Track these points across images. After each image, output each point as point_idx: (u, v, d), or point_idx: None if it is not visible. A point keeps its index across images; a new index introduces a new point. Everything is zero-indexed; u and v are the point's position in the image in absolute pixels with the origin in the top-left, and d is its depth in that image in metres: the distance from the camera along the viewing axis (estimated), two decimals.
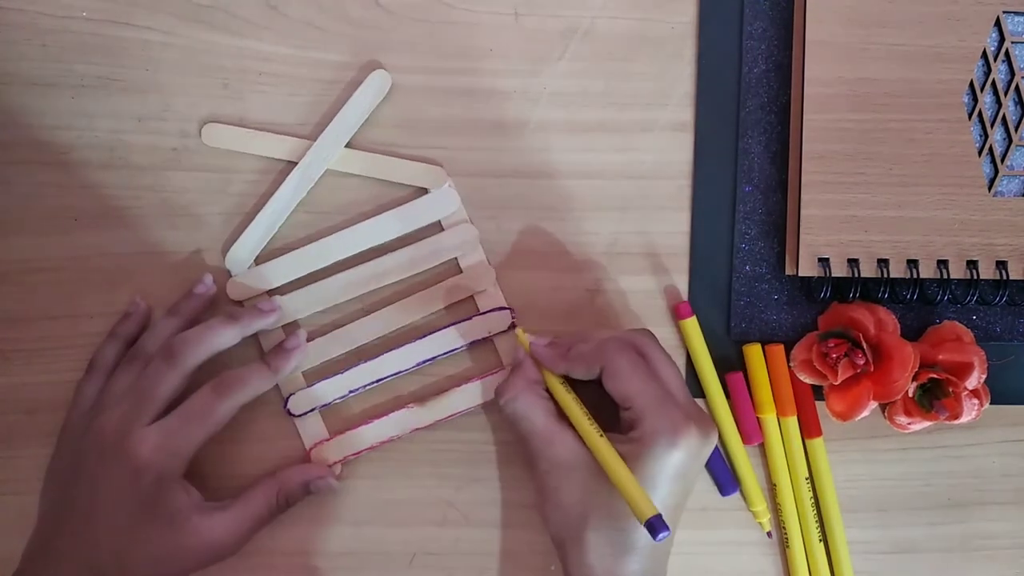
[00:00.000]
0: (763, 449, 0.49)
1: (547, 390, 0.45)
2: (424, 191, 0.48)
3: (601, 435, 0.42)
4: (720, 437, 0.49)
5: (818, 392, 0.49)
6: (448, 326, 0.48)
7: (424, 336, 0.48)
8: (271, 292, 0.47)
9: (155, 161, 0.47)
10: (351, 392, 0.47)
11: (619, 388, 0.42)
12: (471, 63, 0.48)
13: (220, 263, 0.47)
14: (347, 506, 0.48)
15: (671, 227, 0.49)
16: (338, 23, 0.48)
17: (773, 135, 0.49)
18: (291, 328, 0.47)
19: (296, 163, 0.47)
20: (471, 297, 0.48)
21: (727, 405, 0.48)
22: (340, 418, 0.48)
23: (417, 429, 0.47)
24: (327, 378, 0.47)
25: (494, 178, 0.48)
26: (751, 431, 0.49)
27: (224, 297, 0.47)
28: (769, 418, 0.48)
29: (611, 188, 0.49)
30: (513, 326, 0.48)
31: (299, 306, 0.47)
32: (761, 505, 0.49)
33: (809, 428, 0.48)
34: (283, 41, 0.47)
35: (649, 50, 0.49)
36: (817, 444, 0.48)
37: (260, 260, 0.47)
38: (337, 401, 0.47)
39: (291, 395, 0.47)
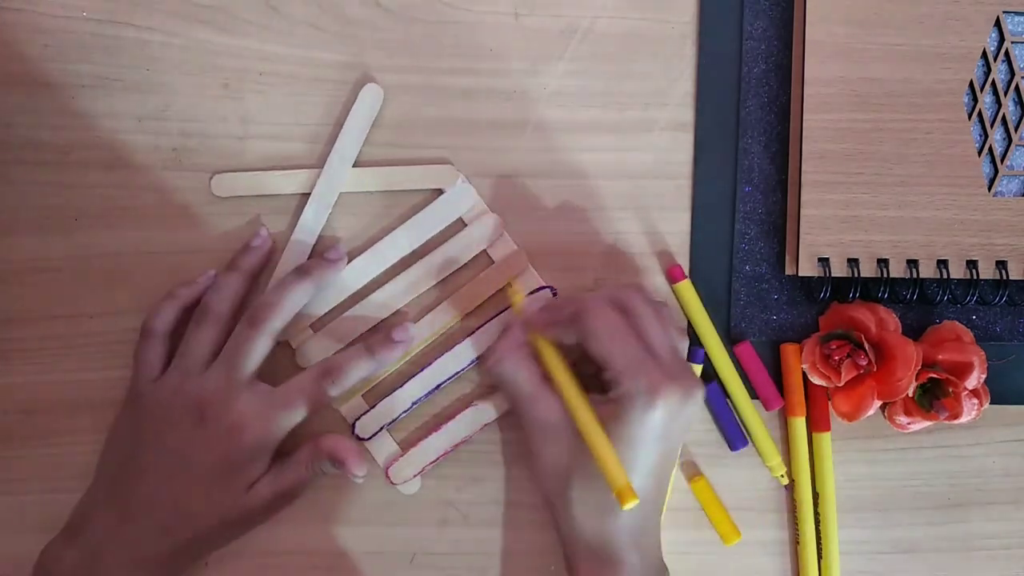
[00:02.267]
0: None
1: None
2: (439, 191, 0.48)
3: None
4: (728, 397, 0.49)
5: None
6: (493, 317, 0.47)
7: (472, 333, 0.47)
8: (313, 325, 0.47)
9: (155, 161, 0.47)
10: (414, 404, 0.47)
11: (596, 351, 0.41)
12: (471, 63, 0.48)
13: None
14: (347, 506, 0.48)
15: (671, 227, 0.49)
16: (338, 23, 0.48)
17: (773, 135, 0.49)
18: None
19: (309, 193, 0.47)
20: (509, 284, 0.48)
21: (732, 366, 0.48)
22: (409, 431, 0.48)
23: (487, 425, 0.47)
24: (388, 395, 0.47)
25: (494, 178, 0.48)
26: (770, 396, 0.48)
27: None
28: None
29: (611, 188, 0.49)
30: None
31: (344, 331, 0.47)
32: (776, 459, 0.48)
33: (818, 423, 0.49)
34: (283, 41, 0.47)
35: (649, 50, 0.49)
36: (824, 439, 0.48)
37: None
38: (403, 416, 0.47)
39: (356, 420, 0.47)
